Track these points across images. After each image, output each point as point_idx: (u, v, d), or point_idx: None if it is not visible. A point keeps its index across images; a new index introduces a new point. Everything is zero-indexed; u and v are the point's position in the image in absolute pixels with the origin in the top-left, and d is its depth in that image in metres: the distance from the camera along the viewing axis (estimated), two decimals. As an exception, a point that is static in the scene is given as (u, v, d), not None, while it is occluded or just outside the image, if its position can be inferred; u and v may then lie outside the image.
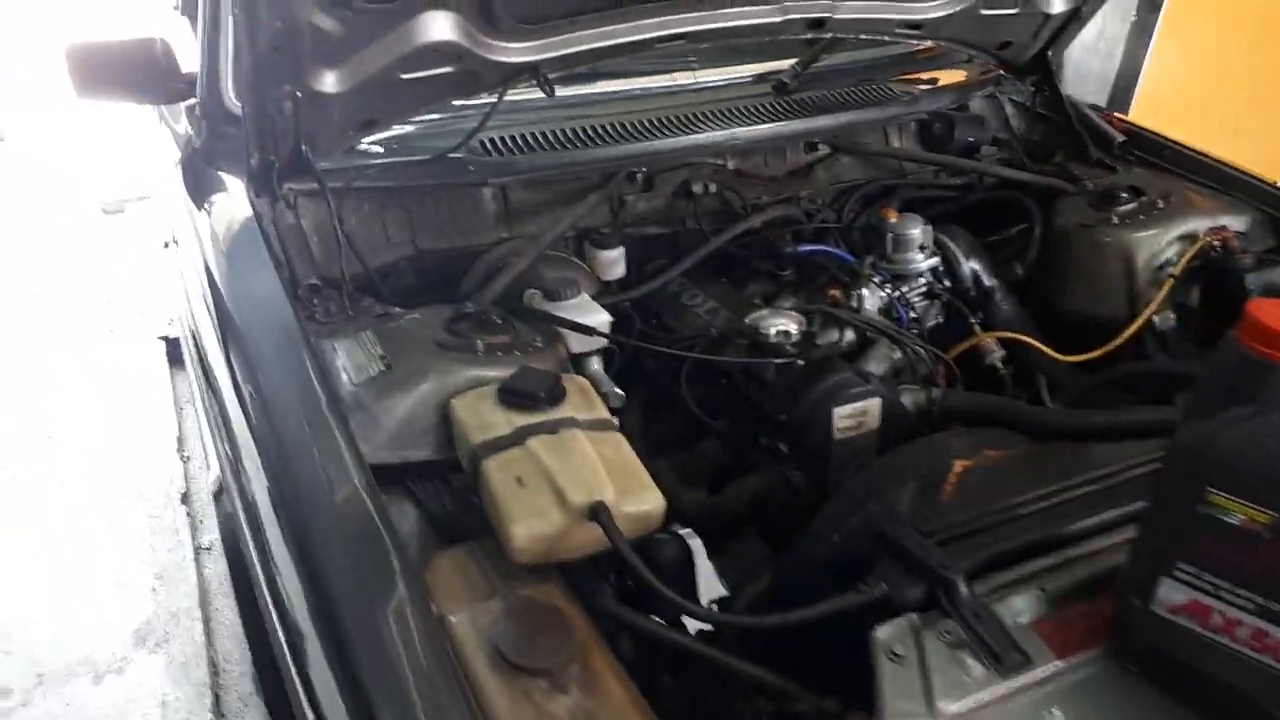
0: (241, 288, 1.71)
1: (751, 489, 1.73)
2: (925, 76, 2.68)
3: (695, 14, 2.00)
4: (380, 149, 2.04)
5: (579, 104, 2.26)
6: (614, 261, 2.09)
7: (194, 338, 2.07)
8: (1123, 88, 5.11)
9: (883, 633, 1.12)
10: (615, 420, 1.49)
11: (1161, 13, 4.69)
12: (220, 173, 1.95)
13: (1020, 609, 1.16)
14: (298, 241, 1.77)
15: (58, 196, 5.18)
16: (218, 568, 2.95)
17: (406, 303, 1.86)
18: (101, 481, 3.24)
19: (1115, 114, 2.54)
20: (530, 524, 1.24)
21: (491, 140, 2.08)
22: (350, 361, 1.53)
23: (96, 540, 2.99)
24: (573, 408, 1.44)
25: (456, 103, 1.96)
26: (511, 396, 1.43)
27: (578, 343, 1.74)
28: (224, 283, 1.73)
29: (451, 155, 2.01)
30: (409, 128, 2.06)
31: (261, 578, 1.29)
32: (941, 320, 2.19)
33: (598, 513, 1.24)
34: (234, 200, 1.85)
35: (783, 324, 1.73)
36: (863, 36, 2.32)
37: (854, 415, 1.63)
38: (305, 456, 1.31)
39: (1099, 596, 1.17)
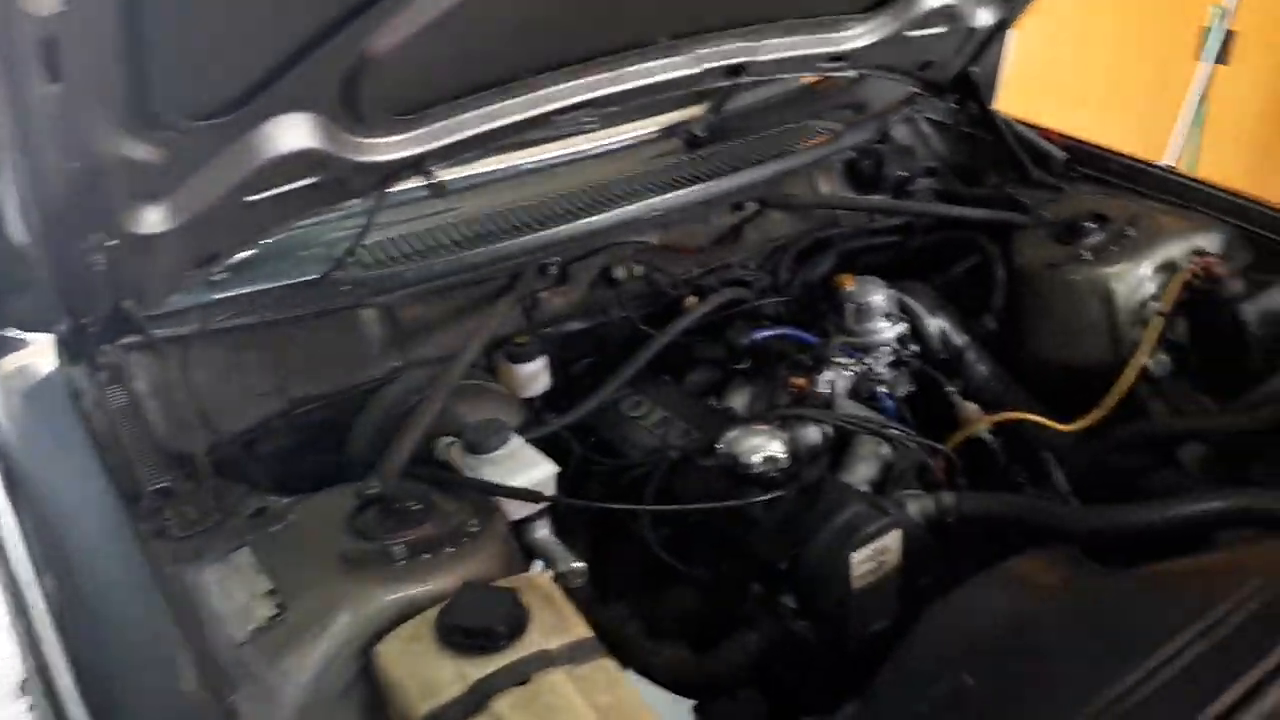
0: (55, 501, 1.29)
1: (753, 648, 1.41)
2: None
3: (599, 76, 1.68)
4: (224, 274, 1.63)
5: (462, 190, 1.89)
6: (535, 375, 1.74)
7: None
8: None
9: None
10: (594, 636, 1.14)
11: None
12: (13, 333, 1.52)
13: None
14: (133, 427, 1.36)
15: None
16: None
17: (286, 479, 1.48)
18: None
19: (1052, 129, 2.33)
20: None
21: (364, 247, 1.70)
22: (227, 604, 1.14)
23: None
24: (540, 633, 1.09)
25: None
26: (457, 636, 1.06)
27: (519, 507, 1.38)
28: (26, 494, 1.31)
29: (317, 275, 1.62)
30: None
31: None
32: (913, 389, 1.92)
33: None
34: (37, 373, 1.43)
35: (765, 447, 1.41)
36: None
37: (874, 556, 1.33)
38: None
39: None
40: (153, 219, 1.31)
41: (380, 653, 1.08)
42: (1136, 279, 1.88)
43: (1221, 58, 4.40)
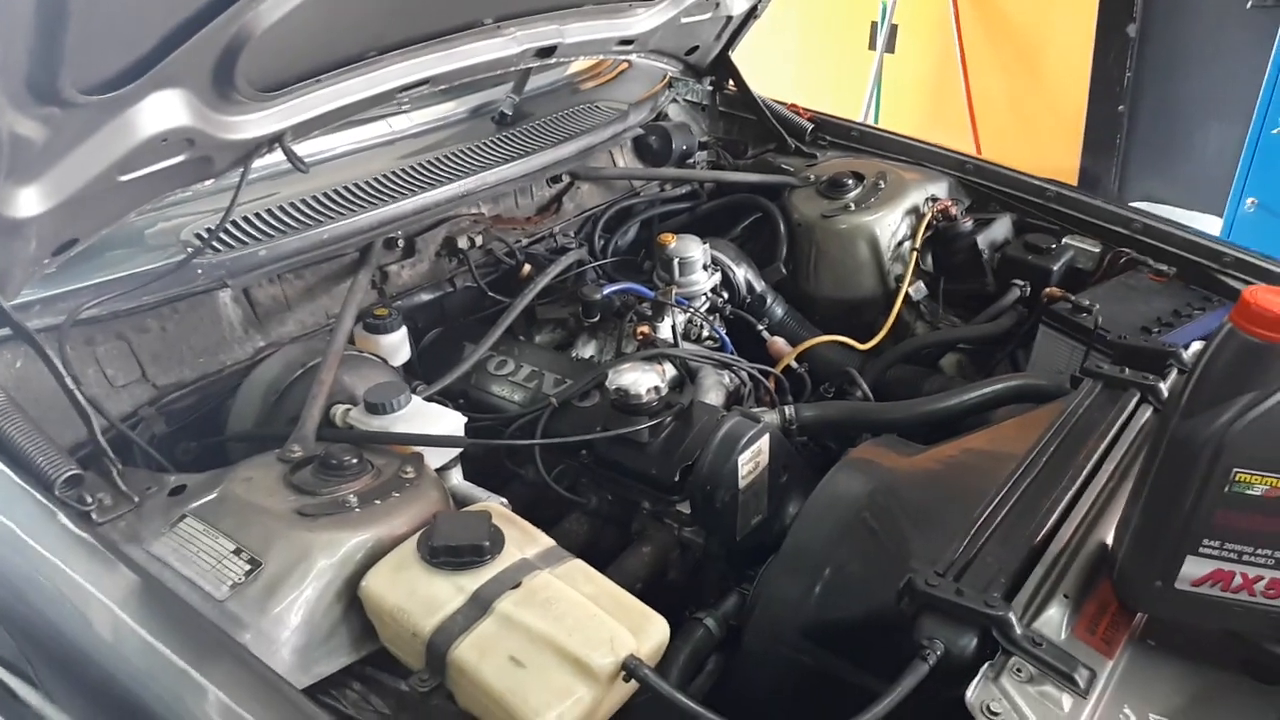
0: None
1: (649, 560, 1.59)
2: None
3: (435, 55, 1.76)
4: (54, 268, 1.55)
5: (288, 172, 1.89)
6: (397, 346, 1.80)
7: None
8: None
9: (974, 695, 1.06)
10: (556, 545, 1.26)
11: None
12: None
13: (1057, 620, 1.17)
14: (21, 422, 1.29)
15: None
16: None
17: (175, 460, 1.48)
18: None
19: (796, 104, 2.69)
20: (561, 712, 1.01)
21: (209, 230, 1.68)
22: (193, 569, 1.14)
23: None
24: (517, 546, 1.20)
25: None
26: (447, 556, 1.15)
27: (434, 456, 1.46)
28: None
29: (173, 260, 1.59)
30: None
31: None
32: (725, 331, 2.18)
33: (634, 670, 1.04)
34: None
35: (648, 381, 1.59)
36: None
37: (752, 458, 1.55)
38: None
39: (1101, 583, 1.22)
40: (24, 201, 1.25)
41: (369, 586, 1.14)
42: (892, 222, 2.27)
43: (890, 47, 5.13)
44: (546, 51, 2.01)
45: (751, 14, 2.52)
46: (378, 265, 1.86)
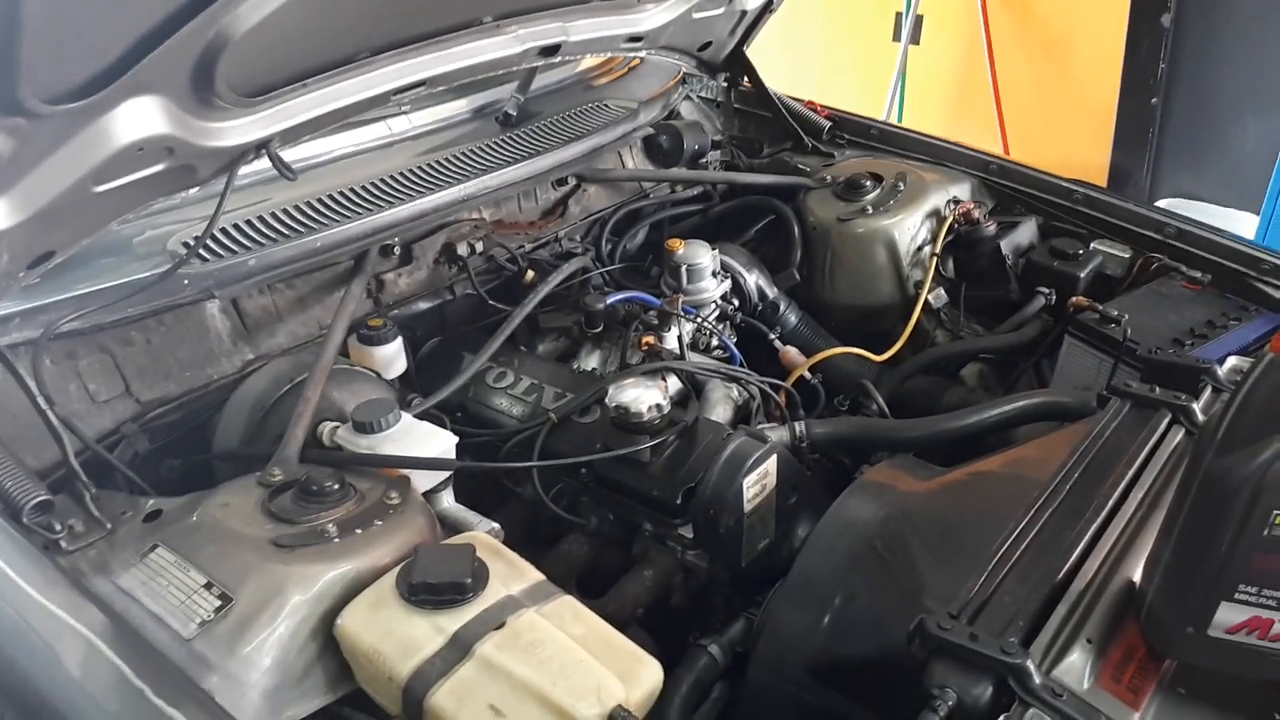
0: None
1: (650, 584, 1.52)
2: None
3: (432, 56, 1.69)
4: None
5: (278, 178, 1.83)
6: (393, 358, 1.74)
7: None
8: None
9: (991, 752, 0.99)
10: (546, 579, 1.19)
11: None
12: None
13: (1080, 668, 1.08)
14: None
15: None
16: None
17: (159, 478, 1.43)
18: None
19: (815, 101, 2.60)
20: (542, 768, 0.95)
21: (195, 239, 1.62)
22: (161, 604, 1.09)
23: None
24: (500, 581, 1.14)
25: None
26: (425, 594, 1.09)
27: (423, 478, 1.40)
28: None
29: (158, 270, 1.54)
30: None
31: None
32: (736, 339, 2.11)
33: (621, 721, 0.98)
34: None
35: (650, 397, 1.52)
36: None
37: (759, 480, 1.48)
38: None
39: (1127, 625, 1.14)
40: (-5, 214, 1.20)
41: (345, 624, 1.08)
42: (911, 226, 2.18)
43: (915, 38, 5.01)
44: (550, 50, 1.93)
45: (767, 8, 2.43)
46: (373, 273, 1.80)
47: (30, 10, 0.99)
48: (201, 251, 1.60)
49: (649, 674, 1.08)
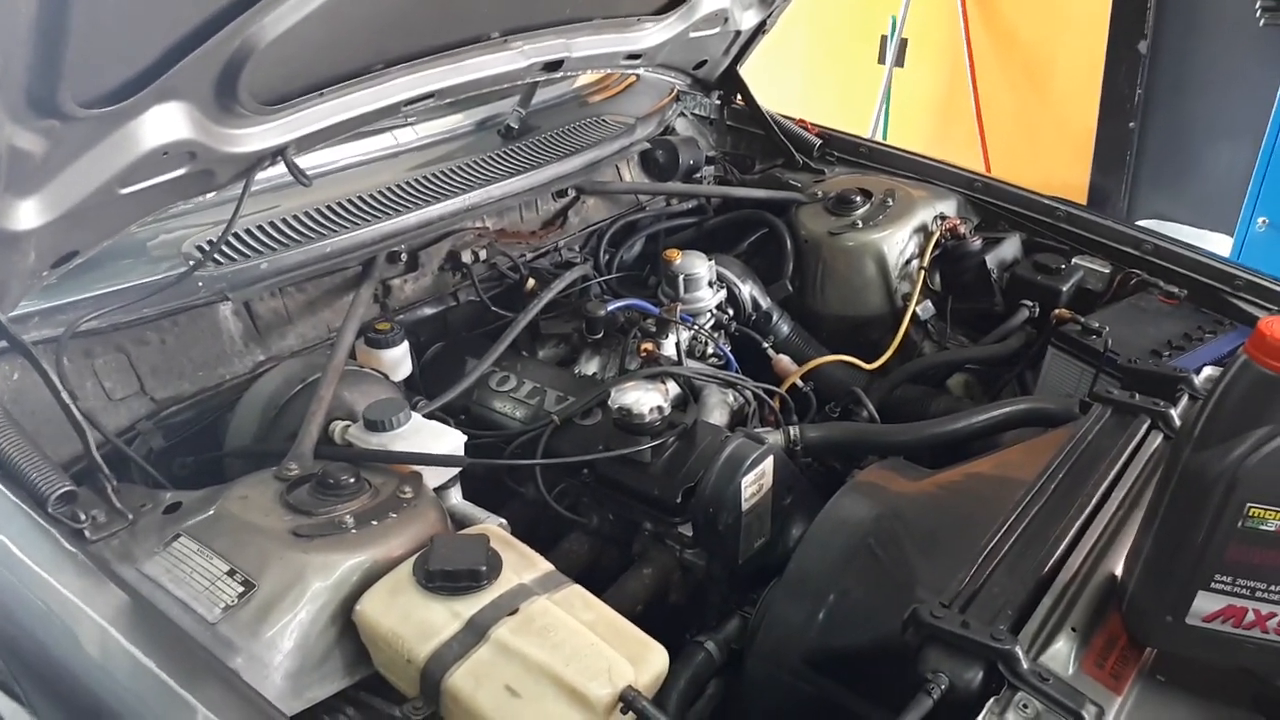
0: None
1: (649, 582, 1.57)
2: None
3: (442, 69, 1.75)
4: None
5: (290, 185, 1.88)
6: (399, 361, 1.79)
7: None
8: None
9: (981, 733, 1.04)
10: (555, 569, 1.24)
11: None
12: None
13: (1065, 654, 1.14)
14: (15, 439, 1.27)
15: None
16: None
17: (172, 475, 1.47)
18: None
19: (804, 119, 2.68)
20: (557, 743, 0.99)
21: (210, 243, 1.66)
22: (186, 590, 1.13)
23: None
24: (514, 571, 1.18)
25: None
26: (442, 580, 1.13)
27: (433, 475, 1.44)
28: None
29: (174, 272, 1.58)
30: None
31: None
32: (730, 349, 2.16)
33: (632, 701, 1.02)
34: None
35: (651, 400, 1.57)
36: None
37: (756, 480, 1.53)
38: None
39: (1109, 615, 1.20)
40: (24, 213, 1.24)
41: (364, 609, 1.12)
42: (900, 240, 2.25)
43: (900, 61, 5.12)
44: (553, 66, 1.99)
45: (760, 29, 2.50)
46: (380, 279, 1.85)
47: (77, 18, 1.04)
48: (215, 255, 1.64)
49: (656, 658, 1.12)
